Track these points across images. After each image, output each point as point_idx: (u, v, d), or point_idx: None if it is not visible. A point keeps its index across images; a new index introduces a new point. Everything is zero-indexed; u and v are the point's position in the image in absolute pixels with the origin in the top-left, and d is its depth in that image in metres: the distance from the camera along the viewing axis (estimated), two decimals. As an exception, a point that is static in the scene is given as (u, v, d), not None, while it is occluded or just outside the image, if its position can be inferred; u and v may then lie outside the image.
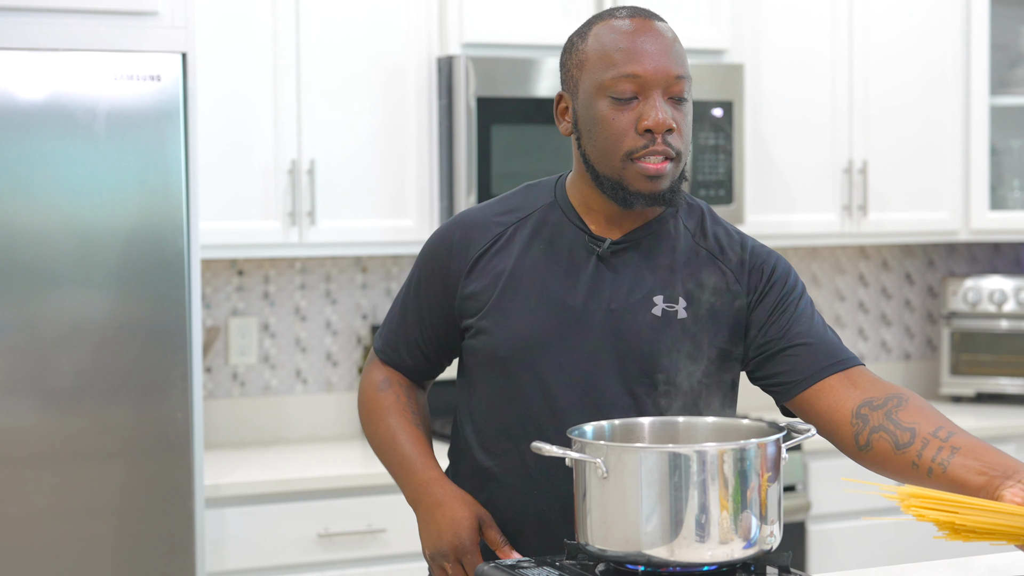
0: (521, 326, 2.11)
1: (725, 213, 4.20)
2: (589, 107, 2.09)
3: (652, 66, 2.06)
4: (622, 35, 2.08)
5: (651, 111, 2.05)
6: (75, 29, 3.30)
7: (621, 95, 2.06)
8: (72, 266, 3.27)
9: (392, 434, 2.28)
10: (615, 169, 2.08)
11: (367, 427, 2.35)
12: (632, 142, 2.06)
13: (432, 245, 2.25)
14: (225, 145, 3.78)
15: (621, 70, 2.06)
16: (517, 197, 2.24)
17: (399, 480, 2.27)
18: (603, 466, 1.89)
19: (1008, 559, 2.27)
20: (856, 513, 4.20)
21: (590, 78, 2.09)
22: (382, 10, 3.93)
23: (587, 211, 2.17)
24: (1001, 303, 4.73)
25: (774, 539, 1.94)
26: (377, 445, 2.31)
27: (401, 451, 2.26)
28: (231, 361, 4.16)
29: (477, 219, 2.22)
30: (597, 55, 2.09)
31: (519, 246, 2.17)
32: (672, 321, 2.12)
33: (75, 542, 3.30)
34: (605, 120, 2.07)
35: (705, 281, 2.15)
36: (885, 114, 4.52)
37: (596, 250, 2.15)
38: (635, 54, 2.06)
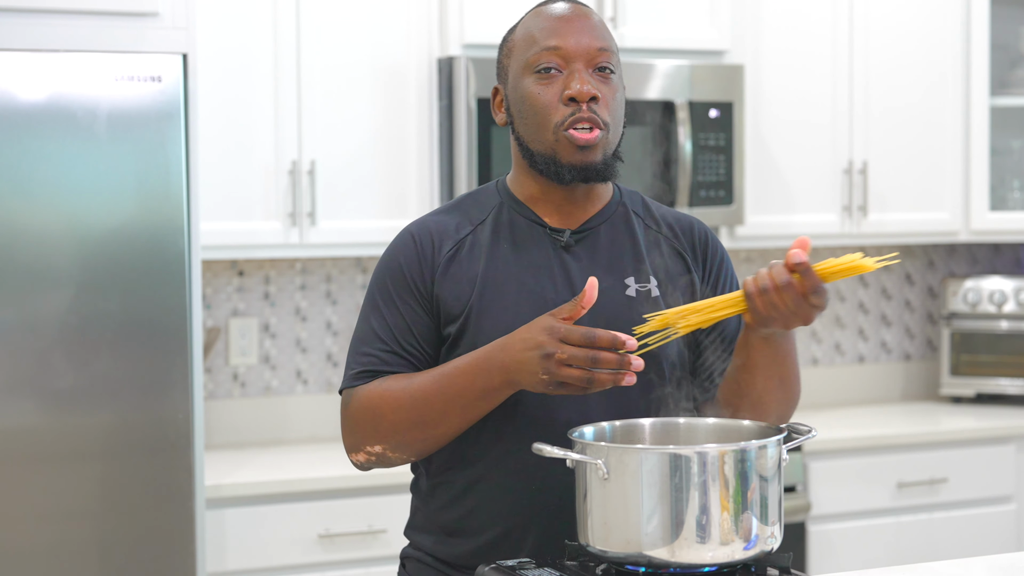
0: (502, 323, 2.11)
1: (725, 214, 4.20)
2: (517, 88, 2.15)
3: (573, 39, 2.12)
4: (546, 18, 2.15)
5: (574, 81, 2.10)
6: (76, 30, 3.30)
7: (545, 66, 2.11)
8: (73, 266, 3.27)
9: (427, 377, 2.09)
10: (547, 143, 2.12)
11: (385, 418, 2.10)
12: (559, 113, 2.10)
13: (395, 255, 2.20)
14: (226, 146, 3.78)
15: (543, 44, 2.12)
16: (463, 207, 2.23)
17: (461, 382, 2.05)
18: (604, 467, 1.90)
19: (1008, 559, 2.27)
20: (856, 514, 4.20)
21: (516, 61, 2.16)
22: (382, 11, 3.93)
23: (536, 204, 2.20)
24: (1001, 304, 4.74)
25: (775, 540, 1.94)
26: (418, 400, 2.08)
27: (445, 377, 2.07)
28: (232, 361, 4.16)
29: (433, 226, 2.20)
30: (522, 39, 2.16)
31: (485, 249, 2.17)
32: (647, 300, 2.17)
33: (75, 542, 3.31)
34: (532, 95, 2.12)
35: (668, 262, 2.22)
36: (885, 115, 4.52)
37: (559, 241, 2.18)
38: (556, 29, 2.13)
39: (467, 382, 2.05)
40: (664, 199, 4.09)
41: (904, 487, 4.25)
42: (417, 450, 2.12)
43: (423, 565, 2.22)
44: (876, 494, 4.22)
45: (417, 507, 2.26)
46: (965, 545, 4.28)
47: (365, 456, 2.14)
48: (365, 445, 2.12)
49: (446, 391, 2.06)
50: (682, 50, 4.20)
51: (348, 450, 2.16)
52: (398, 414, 2.09)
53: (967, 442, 4.35)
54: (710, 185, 4.17)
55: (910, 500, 4.26)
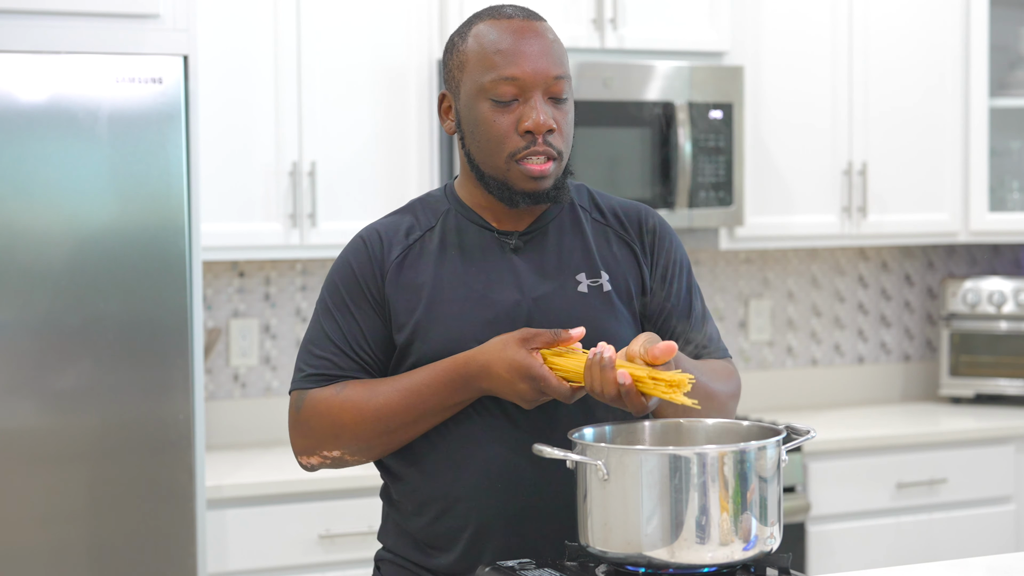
0: (453, 330, 2.12)
1: (725, 215, 4.21)
2: (471, 109, 2.12)
3: (531, 68, 2.08)
4: (501, 36, 2.11)
5: (531, 112, 2.08)
6: (77, 32, 3.31)
7: (501, 98, 2.09)
8: (73, 267, 3.28)
9: (392, 390, 2.09)
10: (500, 170, 2.12)
11: (347, 428, 2.10)
12: (514, 143, 2.09)
13: (346, 259, 2.19)
14: (226, 147, 3.78)
15: (500, 73, 2.09)
16: (413, 211, 2.23)
17: (434, 401, 2.08)
18: (604, 468, 1.90)
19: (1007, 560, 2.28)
20: (856, 514, 4.21)
21: (471, 80, 2.12)
22: (383, 12, 3.93)
23: (483, 209, 2.20)
24: (1000, 304, 4.74)
25: (774, 540, 1.94)
26: (384, 414, 2.09)
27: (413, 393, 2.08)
28: (232, 362, 4.17)
29: (383, 230, 2.20)
30: (477, 57, 2.11)
31: (432, 257, 2.17)
32: (600, 295, 2.18)
33: (76, 542, 3.31)
34: (487, 122, 2.10)
35: (617, 254, 2.21)
36: (885, 116, 4.53)
37: (507, 244, 2.18)
38: (514, 57, 2.09)
39: (440, 399, 2.08)
40: (663, 200, 4.09)
41: (903, 487, 4.25)
42: (380, 453, 2.16)
43: (397, 567, 2.22)
44: (875, 495, 4.22)
45: (387, 513, 2.27)
46: (964, 545, 4.28)
47: (319, 459, 2.15)
48: (321, 450, 2.14)
49: (417, 406, 2.09)
50: (682, 51, 4.20)
51: (299, 452, 2.16)
52: (362, 426, 2.11)
53: (966, 443, 4.35)
54: (710, 186, 4.17)
55: (909, 500, 4.27)
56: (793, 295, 4.85)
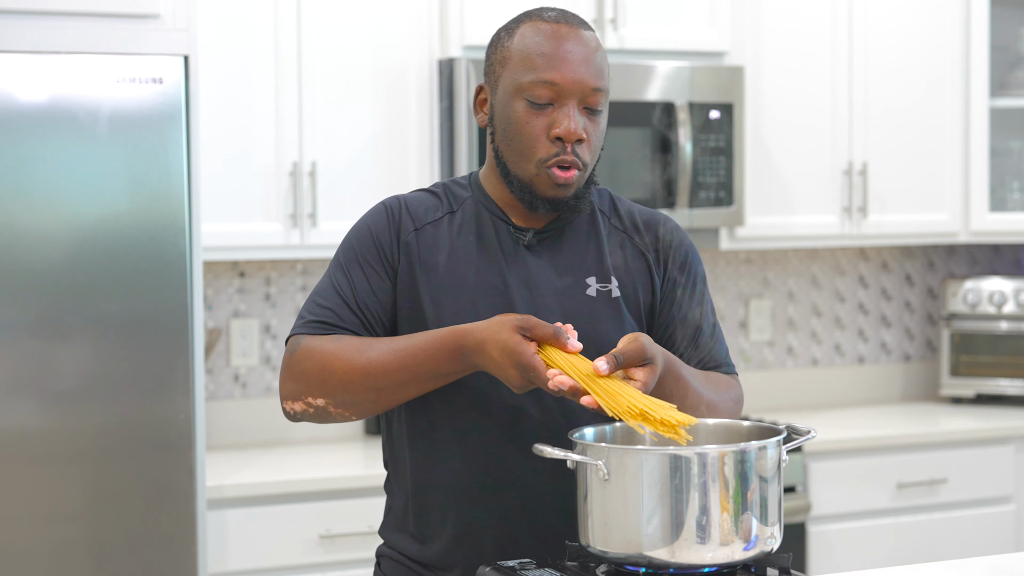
0: (463, 317, 2.12)
1: (725, 215, 4.21)
2: (506, 106, 2.13)
3: (571, 75, 2.10)
4: (546, 39, 2.11)
5: (564, 119, 2.10)
6: (77, 32, 3.31)
7: (537, 100, 2.10)
8: (74, 267, 3.28)
9: (387, 348, 2.07)
10: (527, 172, 2.13)
11: (335, 375, 2.07)
12: (544, 149, 2.11)
13: (365, 223, 2.20)
14: (227, 147, 3.79)
15: (540, 75, 2.10)
16: (436, 194, 2.24)
17: (428, 366, 2.05)
18: (604, 468, 1.90)
19: (1008, 560, 2.28)
20: (856, 514, 4.21)
21: (510, 78, 2.13)
22: (383, 13, 3.94)
23: (504, 203, 2.21)
24: (1001, 304, 4.74)
25: (774, 540, 1.95)
26: (375, 369, 2.06)
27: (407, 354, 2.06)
28: (232, 362, 4.17)
29: (406, 202, 2.21)
30: (519, 56, 2.12)
31: (449, 239, 2.18)
32: (608, 300, 2.19)
33: (76, 542, 3.31)
34: (520, 122, 2.12)
35: (628, 261, 2.22)
36: (885, 116, 4.53)
37: (522, 240, 2.19)
38: (555, 61, 2.10)
39: (434, 364, 2.04)
40: (664, 200, 4.09)
41: (904, 488, 4.25)
42: (363, 411, 2.11)
43: (397, 564, 2.23)
44: (876, 495, 4.22)
45: (388, 506, 2.28)
46: (964, 545, 4.28)
47: (303, 406, 2.11)
48: (307, 396, 2.10)
49: (409, 368, 2.05)
50: (682, 51, 4.20)
51: (285, 397, 2.13)
52: (350, 375, 2.06)
53: (967, 443, 4.35)
54: (710, 186, 4.17)
55: (910, 501, 4.27)
56: (793, 295, 4.85)
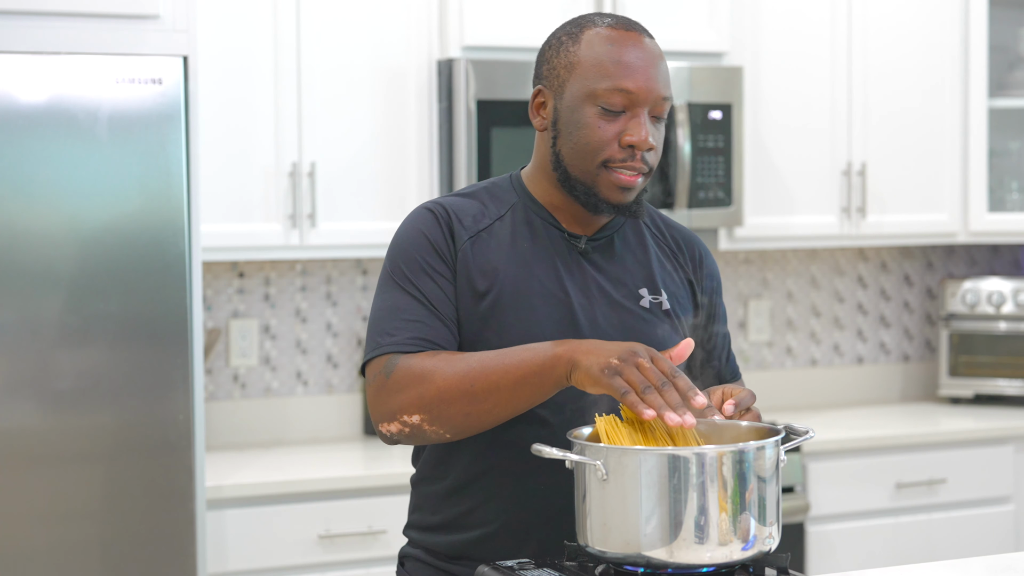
0: (525, 322, 2.12)
1: (724, 215, 4.21)
2: (575, 111, 2.13)
3: (645, 84, 2.11)
4: (618, 47, 2.12)
5: (638, 128, 2.11)
6: (77, 32, 3.31)
7: (611, 107, 2.11)
8: (73, 268, 3.28)
9: (481, 354, 2.03)
10: (589, 174, 2.13)
11: (434, 385, 2.02)
12: (611, 153, 2.11)
13: (415, 228, 2.16)
14: (226, 148, 3.79)
15: (615, 83, 2.10)
16: (480, 197, 2.22)
17: (529, 362, 1.98)
18: (603, 468, 1.90)
19: (1007, 560, 2.28)
20: (855, 514, 4.21)
21: (581, 83, 2.13)
22: (382, 13, 3.94)
23: (555, 208, 2.21)
24: (999, 305, 4.74)
25: (773, 540, 1.95)
26: (473, 373, 2.01)
27: (503, 352, 2.01)
28: (232, 363, 4.17)
29: (452, 208, 2.18)
30: (591, 62, 2.12)
31: (504, 245, 2.17)
32: (659, 312, 2.20)
33: (76, 543, 3.31)
34: (590, 127, 2.12)
35: (672, 274, 2.26)
36: (884, 116, 4.53)
37: (576, 247, 2.19)
38: (631, 70, 2.11)
39: (527, 356, 1.99)
40: (663, 201, 4.10)
41: (903, 488, 4.26)
42: (457, 425, 2.03)
43: (422, 564, 2.23)
44: (875, 495, 4.23)
45: (418, 503, 2.26)
46: (963, 545, 4.29)
47: (399, 427, 2.05)
48: (403, 414, 2.04)
49: (503, 362, 1.99)
50: (681, 52, 4.20)
51: (380, 419, 2.07)
52: (450, 383, 2.01)
53: (966, 443, 4.35)
54: (709, 187, 4.18)
55: (909, 501, 4.27)
56: (792, 295, 4.85)
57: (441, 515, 2.21)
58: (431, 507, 2.23)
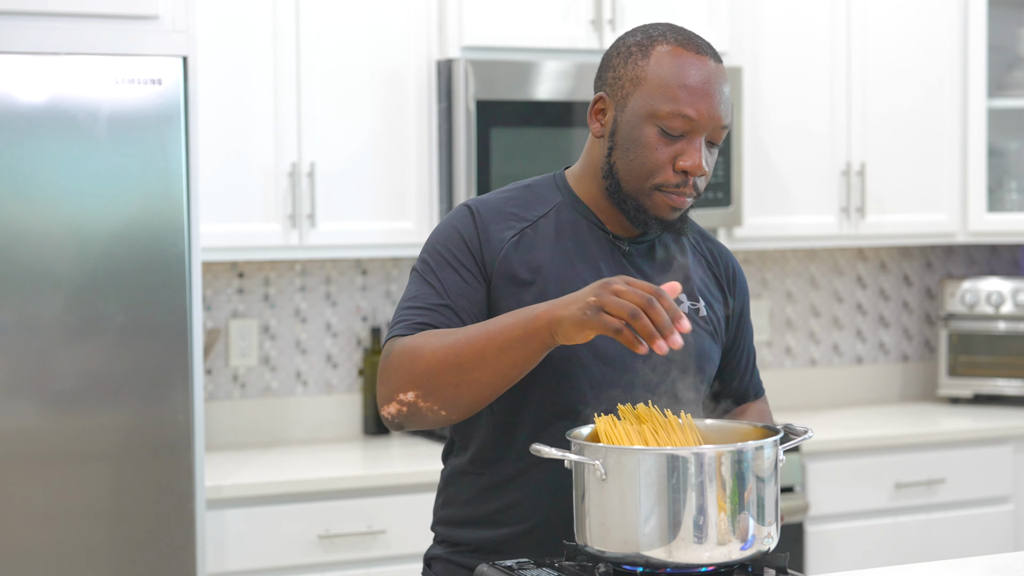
0: None
1: (724, 215, 4.21)
2: (635, 127, 2.13)
3: (707, 112, 2.11)
4: (690, 72, 2.12)
5: (694, 154, 2.11)
6: (77, 33, 3.31)
7: (672, 131, 2.11)
8: (73, 268, 3.28)
9: (469, 327, 2.04)
10: (641, 193, 2.14)
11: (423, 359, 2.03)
12: (665, 177, 2.12)
13: (453, 225, 2.18)
14: (226, 148, 3.79)
15: (680, 108, 2.10)
16: (523, 197, 2.23)
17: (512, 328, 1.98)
18: (602, 468, 1.91)
19: (1005, 559, 2.28)
20: (854, 514, 4.21)
21: (645, 101, 2.12)
22: (382, 13, 3.94)
23: (599, 210, 2.22)
24: (999, 305, 4.75)
25: (771, 540, 1.95)
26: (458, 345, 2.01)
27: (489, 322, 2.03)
28: (231, 363, 4.17)
29: (496, 207, 2.20)
30: (659, 82, 2.12)
31: (548, 242, 2.18)
32: (696, 317, 2.23)
33: (75, 543, 3.31)
34: (648, 147, 2.12)
35: (707, 283, 2.28)
36: (883, 116, 4.53)
37: (619, 248, 2.21)
38: (697, 98, 2.11)
39: (510, 322, 1.99)
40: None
41: (902, 487, 4.26)
42: (449, 398, 2.02)
43: (449, 565, 2.22)
44: (874, 494, 4.23)
45: (450, 498, 2.25)
46: (963, 545, 4.29)
47: (396, 407, 2.05)
48: (398, 393, 2.04)
49: (488, 330, 2.00)
50: (680, 52, 4.20)
51: (381, 403, 2.08)
52: (436, 354, 2.01)
53: (965, 443, 4.36)
54: (708, 187, 4.17)
55: (908, 500, 4.27)
56: (792, 295, 4.85)
57: (476, 510, 2.20)
58: (465, 502, 2.22)
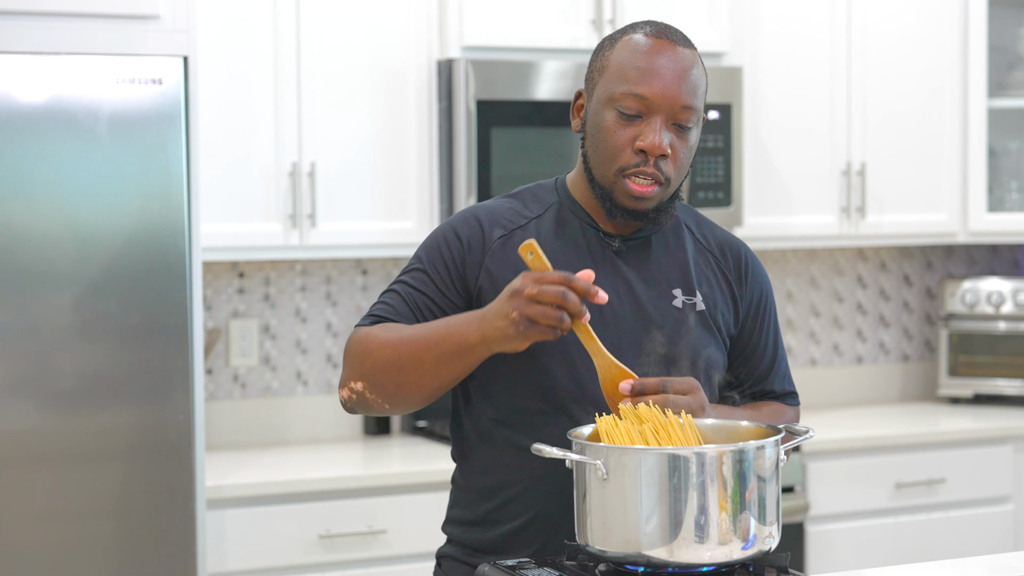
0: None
1: (724, 215, 4.21)
2: (597, 113, 2.16)
3: (661, 90, 2.12)
4: (642, 53, 2.14)
5: (650, 133, 2.12)
6: (77, 33, 3.31)
7: (626, 111, 2.12)
8: (74, 268, 3.28)
9: (415, 329, 2.10)
10: (607, 180, 2.15)
11: (371, 354, 2.10)
12: (626, 159, 2.13)
13: (444, 231, 2.22)
14: (226, 148, 3.79)
15: (631, 87, 2.12)
16: (522, 198, 2.26)
17: (448, 341, 2.04)
18: (603, 467, 1.91)
19: (1006, 559, 2.28)
20: (855, 514, 4.21)
21: (604, 86, 2.16)
22: (382, 13, 3.94)
23: (592, 209, 2.23)
24: (999, 305, 4.75)
25: (772, 540, 1.95)
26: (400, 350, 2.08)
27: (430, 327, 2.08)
28: (232, 363, 4.17)
29: (493, 210, 2.23)
30: (616, 66, 2.15)
31: (540, 242, 2.18)
32: (693, 312, 2.22)
33: (76, 543, 3.31)
34: (608, 131, 2.14)
35: (712, 279, 2.27)
36: (883, 116, 4.53)
37: (611, 246, 2.21)
38: (648, 75, 2.12)
39: (445, 334, 2.05)
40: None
41: (902, 487, 4.26)
42: (390, 395, 2.10)
43: (458, 563, 2.23)
44: (874, 494, 4.23)
45: (456, 498, 2.28)
46: (963, 545, 4.29)
47: (348, 392, 2.14)
48: (350, 381, 2.13)
49: (427, 338, 2.06)
50: (681, 52, 4.20)
51: (339, 386, 2.17)
52: (382, 352, 2.09)
53: (965, 443, 4.36)
54: (708, 187, 4.18)
55: (908, 500, 4.27)
56: (792, 295, 4.85)
57: (477, 510, 2.22)
58: (468, 502, 2.25)
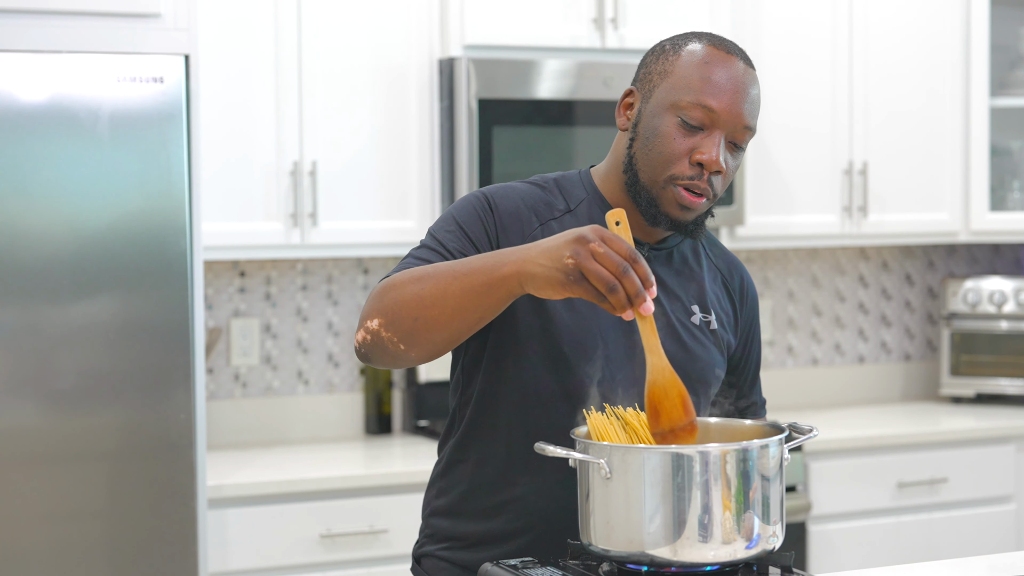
0: (583, 323, 2.12)
1: (726, 214, 4.21)
2: (655, 117, 2.13)
3: (728, 105, 2.10)
4: (716, 68, 2.13)
5: (711, 148, 2.10)
6: (78, 31, 3.31)
7: (691, 121, 2.10)
8: (74, 267, 3.28)
9: (440, 264, 2.00)
10: (656, 185, 2.13)
11: (394, 288, 2.00)
12: (681, 168, 2.11)
13: (480, 200, 2.16)
14: (227, 146, 3.79)
15: (701, 98, 2.10)
16: (549, 192, 2.22)
17: (478, 271, 1.94)
18: (607, 467, 1.90)
19: (1008, 559, 2.28)
20: (856, 513, 4.21)
21: (668, 92, 2.13)
22: (383, 12, 3.94)
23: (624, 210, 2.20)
24: (1001, 304, 4.74)
25: (776, 539, 1.95)
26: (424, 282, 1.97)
27: (461, 261, 1.99)
28: (233, 362, 4.17)
29: (525, 196, 2.18)
30: (684, 72, 2.13)
31: None
32: (707, 330, 2.22)
33: (77, 543, 3.31)
34: (667, 137, 2.11)
35: (720, 297, 2.28)
36: (885, 115, 4.53)
37: (640, 251, 2.17)
38: (719, 90, 2.11)
39: (477, 265, 1.95)
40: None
41: (904, 487, 4.26)
42: (407, 331, 1.97)
43: (439, 562, 2.21)
44: (876, 494, 4.23)
45: (445, 487, 2.23)
46: (965, 545, 4.29)
47: (363, 334, 2.01)
48: (367, 320, 2.01)
49: (454, 268, 1.96)
50: (682, 51, 4.20)
51: (356, 332, 2.06)
52: (406, 285, 1.98)
53: (967, 442, 4.35)
54: (710, 186, 4.17)
55: (910, 500, 4.27)
56: (793, 295, 4.85)
57: (477, 502, 2.19)
58: (464, 492, 2.20)
